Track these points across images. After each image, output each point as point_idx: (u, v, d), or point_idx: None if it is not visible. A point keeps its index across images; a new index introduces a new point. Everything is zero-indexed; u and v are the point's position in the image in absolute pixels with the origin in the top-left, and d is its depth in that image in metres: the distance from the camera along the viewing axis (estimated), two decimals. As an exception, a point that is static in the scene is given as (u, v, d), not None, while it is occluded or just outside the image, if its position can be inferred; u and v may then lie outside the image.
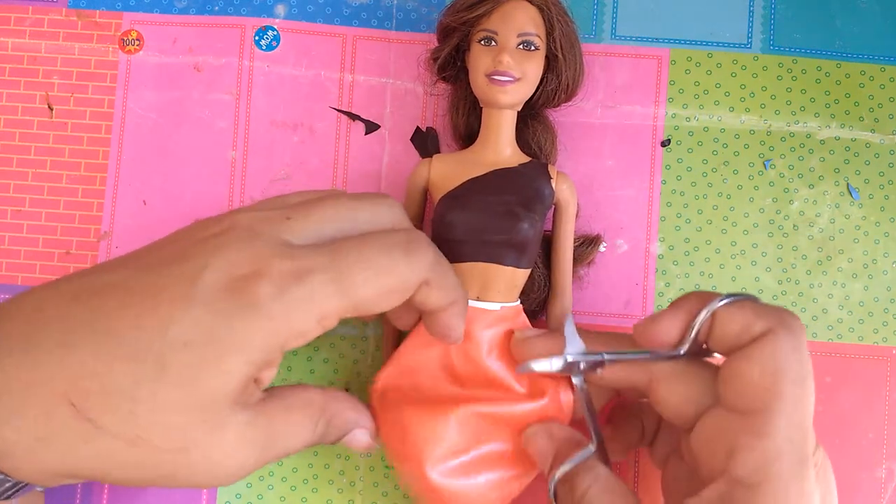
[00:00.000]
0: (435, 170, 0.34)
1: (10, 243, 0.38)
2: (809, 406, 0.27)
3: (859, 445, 0.37)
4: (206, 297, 0.26)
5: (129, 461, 0.26)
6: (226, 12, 0.39)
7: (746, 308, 0.28)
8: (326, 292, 0.27)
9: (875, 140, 0.38)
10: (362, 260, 0.27)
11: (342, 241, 0.28)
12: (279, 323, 0.26)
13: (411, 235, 0.29)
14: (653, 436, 0.34)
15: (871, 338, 0.38)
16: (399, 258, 0.28)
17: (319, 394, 0.31)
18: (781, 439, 0.26)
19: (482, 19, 0.34)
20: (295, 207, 0.29)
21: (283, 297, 0.26)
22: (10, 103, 0.39)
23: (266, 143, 0.39)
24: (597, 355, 0.30)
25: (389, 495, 0.37)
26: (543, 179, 0.34)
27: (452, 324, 0.31)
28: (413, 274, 0.28)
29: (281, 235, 0.28)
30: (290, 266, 0.27)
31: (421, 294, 0.29)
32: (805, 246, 0.38)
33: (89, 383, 0.25)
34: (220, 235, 0.28)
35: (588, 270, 0.38)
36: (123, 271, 0.28)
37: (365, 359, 0.38)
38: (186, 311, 0.26)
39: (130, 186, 0.38)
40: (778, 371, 0.26)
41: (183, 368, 0.26)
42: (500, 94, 0.33)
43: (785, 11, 0.39)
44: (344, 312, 0.28)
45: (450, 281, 0.30)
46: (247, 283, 0.26)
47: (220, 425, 0.26)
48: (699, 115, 0.39)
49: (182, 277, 0.26)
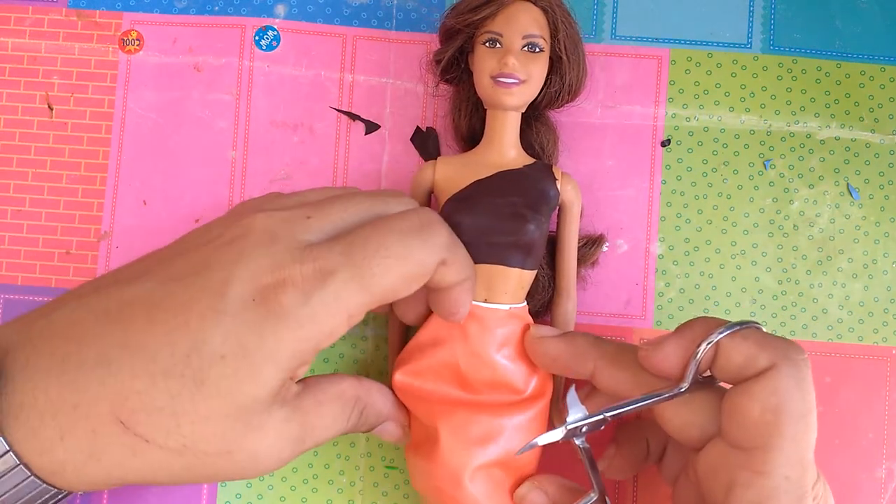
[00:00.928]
0: (440, 172, 0.34)
1: (10, 243, 0.38)
2: (811, 441, 0.27)
3: (859, 445, 0.37)
4: (235, 309, 0.27)
5: (177, 467, 0.27)
6: (226, 12, 0.39)
7: (750, 340, 0.27)
8: (350, 290, 0.27)
9: (875, 140, 0.38)
10: (380, 249, 0.28)
11: (356, 232, 0.28)
12: (308, 329, 0.27)
13: (423, 217, 0.30)
14: (659, 455, 0.33)
15: (871, 338, 0.38)
16: (414, 244, 0.28)
17: (352, 385, 0.31)
18: (779, 477, 0.26)
19: (487, 21, 0.34)
20: (315, 206, 0.30)
21: (310, 303, 0.27)
22: (10, 103, 0.39)
23: (266, 143, 0.39)
24: (598, 416, 0.30)
25: (389, 495, 0.37)
26: (548, 180, 0.34)
27: (462, 299, 0.31)
28: (430, 257, 0.29)
29: (300, 236, 0.28)
30: (311, 269, 0.27)
31: (438, 274, 0.29)
32: (805, 246, 0.38)
33: (133, 402, 0.26)
34: (241, 240, 0.28)
35: (594, 271, 0.38)
36: (149, 283, 0.28)
37: (365, 359, 0.38)
38: (217, 325, 0.26)
39: (130, 186, 0.38)
40: (779, 408, 0.26)
41: (220, 380, 0.26)
42: (506, 96, 0.33)
43: (785, 11, 0.39)
44: (370, 306, 0.28)
45: (463, 257, 0.31)
46: (273, 292, 0.27)
47: (260, 426, 0.27)
48: (699, 115, 0.39)
49: (208, 290, 0.27)
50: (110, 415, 0.26)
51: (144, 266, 0.29)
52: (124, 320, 0.27)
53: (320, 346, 0.28)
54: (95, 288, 0.29)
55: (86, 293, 0.28)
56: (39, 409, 0.26)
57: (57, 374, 0.26)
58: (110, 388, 0.26)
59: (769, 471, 0.26)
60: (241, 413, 0.27)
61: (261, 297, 0.27)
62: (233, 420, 0.27)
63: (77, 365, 0.26)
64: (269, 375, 0.27)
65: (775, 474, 0.26)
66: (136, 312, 0.27)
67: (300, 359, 0.27)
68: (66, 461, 0.26)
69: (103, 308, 0.27)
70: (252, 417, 0.27)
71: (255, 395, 0.27)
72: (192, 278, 0.27)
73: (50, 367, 0.26)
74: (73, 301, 0.28)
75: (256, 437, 0.27)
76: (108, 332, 0.27)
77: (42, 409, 0.26)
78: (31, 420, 0.26)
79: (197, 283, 0.27)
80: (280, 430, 0.28)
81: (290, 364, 0.27)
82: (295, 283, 0.27)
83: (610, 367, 0.31)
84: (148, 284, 0.28)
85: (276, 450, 0.28)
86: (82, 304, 0.28)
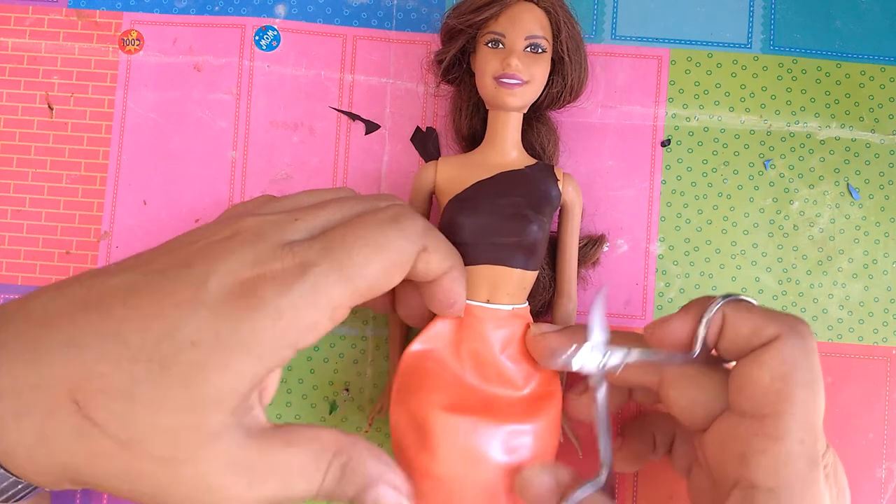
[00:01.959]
0: (441, 173, 0.34)
1: (10, 243, 0.38)
2: (820, 408, 0.27)
3: (859, 445, 0.37)
4: (213, 300, 0.26)
5: (120, 467, 0.26)
6: (226, 12, 0.39)
7: (756, 312, 0.28)
8: (329, 280, 0.27)
9: (875, 140, 0.38)
10: (358, 240, 0.28)
11: (335, 228, 0.28)
12: (288, 320, 0.26)
13: (397, 209, 0.30)
14: (666, 447, 0.34)
15: (871, 338, 0.38)
16: (391, 231, 0.28)
17: (333, 434, 0.28)
18: (793, 441, 0.26)
19: (489, 22, 0.34)
20: (305, 210, 0.30)
21: (289, 294, 0.26)
22: (10, 103, 0.39)
23: (266, 143, 0.39)
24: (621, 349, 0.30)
25: (389, 495, 0.37)
26: (550, 181, 0.34)
27: (455, 288, 0.31)
28: (409, 243, 0.29)
29: (285, 236, 0.28)
30: (291, 262, 0.27)
31: (422, 262, 0.29)
32: (805, 246, 0.38)
33: (94, 384, 0.25)
34: (227, 240, 0.28)
35: (594, 271, 0.38)
36: (130, 274, 0.28)
37: (365, 358, 0.38)
38: (193, 314, 0.26)
39: (130, 186, 0.38)
40: (788, 375, 0.27)
41: (187, 367, 0.25)
42: (509, 96, 0.33)
43: (785, 11, 0.39)
44: (353, 298, 0.28)
45: (445, 245, 0.31)
46: (252, 285, 0.26)
47: (212, 437, 0.26)
48: (699, 115, 0.39)
49: (188, 282, 0.26)
50: (67, 395, 0.25)
51: (131, 262, 0.29)
52: (102, 307, 0.26)
53: (300, 343, 0.27)
54: (77, 279, 0.28)
55: (67, 283, 0.28)
56: (2, 389, 0.25)
57: (25, 354, 0.26)
58: (74, 369, 0.25)
59: (783, 435, 0.26)
60: (199, 411, 0.25)
61: (240, 290, 0.26)
62: (188, 417, 0.25)
63: (47, 347, 0.26)
64: (241, 367, 0.26)
65: (789, 438, 0.26)
66: (115, 300, 0.27)
67: (277, 354, 0.26)
68: (17, 442, 0.25)
69: (82, 296, 0.27)
70: (207, 420, 0.25)
71: (220, 390, 0.25)
72: (175, 271, 0.27)
73: (19, 349, 0.26)
74: (54, 290, 0.28)
75: (206, 450, 0.25)
76: (82, 318, 0.26)
77: (4, 388, 0.25)
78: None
79: (180, 275, 0.27)
80: (232, 453, 0.26)
81: (266, 358, 0.26)
82: (275, 277, 0.27)
83: None
84: (129, 275, 0.28)
85: (226, 479, 0.26)
86: (62, 292, 0.28)
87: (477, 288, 0.33)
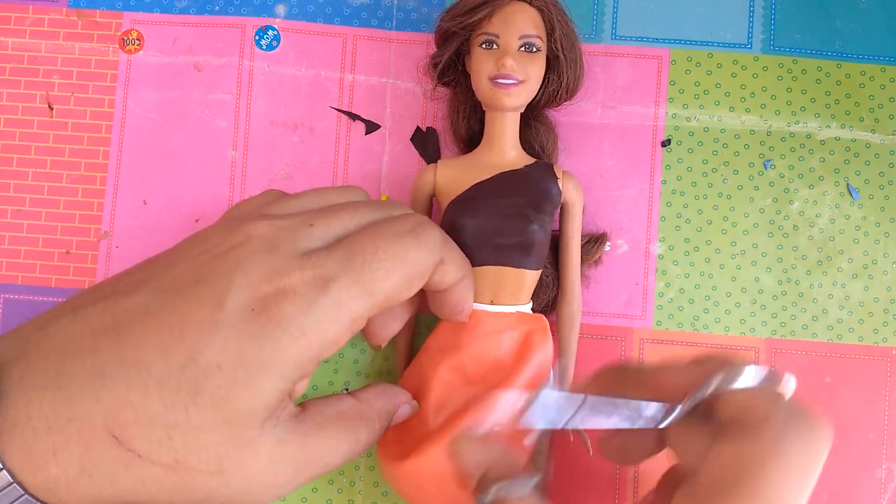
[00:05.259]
0: (441, 175, 0.34)
1: (10, 243, 0.38)
2: None
3: (859, 445, 0.37)
4: (234, 319, 0.26)
5: (170, 486, 0.26)
6: (226, 12, 0.39)
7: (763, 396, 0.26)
8: (351, 295, 0.27)
9: (875, 140, 0.38)
10: (378, 252, 0.28)
11: (353, 238, 0.28)
12: (312, 337, 0.26)
13: (415, 219, 0.30)
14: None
15: (871, 338, 0.38)
16: (411, 244, 0.28)
17: (352, 405, 0.30)
18: None
19: (483, 23, 0.34)
20: (318, 213, 0.29)
21: (312, 311, 0.26)
22: (10, 103, 0.39)
23: (266, 143, 0.39)
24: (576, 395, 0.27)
25: (389, 495, 0.37)
26: (550, 180, 0.34)
27: (465, 296, 0.31)
28: (429, 255, 0.29)
29: (300, 244, 0.28)
30: (312, 276, 0.27)
31: (438, 273, 0.29)
32: (805, 246, 0.38)
33: (126, 414, 0.25)
34: (239, 248, 0.28)
35: (594, 270, 0.38)
36: (144, 295, 0.27)
37: (365, 358, 0.38)
38: (214, 335, 0.26)
39: (130, 186, 0.38)
40: None
41: (215, 390, 0.26)
42: (505, 96, 0.33)
43: (785, 12, 0.39)
44: (372, 311, 0.28)
45: (459, 255, 0.31)
46: (275, 301, 0.26)
47: (252, 444, 0.26)
48: (699, 115, 0.39)
49: (206, 300, 0.26)
50: (103, 429, 0.25)
51: (142, 275, 0.29)
52: (120, 333, 0.26)
53: (322, 356, 0.27)
54: (92, 300, 0.28)
55: (81, 305, 0.28)
56: (33, 425, 0.25)
57: (52, 389, 0.26)
58: (104, 402, 0.25)
59: None
60: (234, 427, 0.26)
61: (260, 306, 0.26)
62: (225, 433, 0.26)
63: (71, 380, 0.26)
64: (268, 386, 0.26)
65: None
66: (133, 325, 0.26)
67: (301, 369, 0.27)
68: (58, 477, 0.25)
69: (99, 321, 0.27)
70: (244, 433, 0.26)
71: (251, 407, 0.26)
72: (190, 289, 0.27)
73: (45, 382, 0.26)
74: (69, 313, 0.28)
75: (249, 456, 0.26)
76: (103, 346, 0.26)
77: (36, 425, 0.25)
78: (25, 436, 0.25)
79: (195, 293, 0.27)
80: (273, 452, 0.27)
81: (291, 374, 0.27)
82: (297, 292, 0.26)
83: None
84: (144, 296, 0.27)
85: (272, 474, 0.27)
86: (78, 316, 0.27)
87: (480, 289, 0.33)
